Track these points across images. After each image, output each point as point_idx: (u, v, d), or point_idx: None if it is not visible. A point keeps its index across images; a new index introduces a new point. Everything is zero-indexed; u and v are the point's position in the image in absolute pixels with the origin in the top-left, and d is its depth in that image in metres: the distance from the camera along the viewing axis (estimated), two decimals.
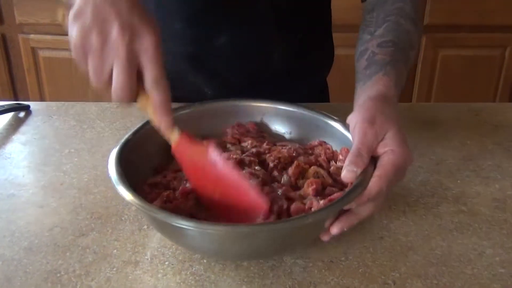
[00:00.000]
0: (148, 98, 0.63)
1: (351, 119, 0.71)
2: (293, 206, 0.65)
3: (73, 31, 0.60)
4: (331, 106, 1.09)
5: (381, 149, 0.66)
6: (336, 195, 0.66)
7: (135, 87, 0.62)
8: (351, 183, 0.65)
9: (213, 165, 0.66)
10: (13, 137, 0.95)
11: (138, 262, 0.68)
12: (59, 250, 0.70)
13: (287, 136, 0.83)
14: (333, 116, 0.77)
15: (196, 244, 0.64)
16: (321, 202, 0.64)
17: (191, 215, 0.65)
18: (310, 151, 0.77)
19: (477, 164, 0.88)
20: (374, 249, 0.70)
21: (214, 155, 0.66)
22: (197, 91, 1.04)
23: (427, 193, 0.81)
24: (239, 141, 0.79)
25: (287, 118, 0.82)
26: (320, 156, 0.75)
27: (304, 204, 0.65)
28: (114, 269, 0.67)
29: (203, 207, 0.66)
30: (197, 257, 0.68)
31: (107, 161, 0.68)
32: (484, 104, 1.09)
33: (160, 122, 0.65)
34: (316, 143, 0.78)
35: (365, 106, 0.70)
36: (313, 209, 0.64)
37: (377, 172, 0.64)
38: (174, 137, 0.67)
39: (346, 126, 0.73)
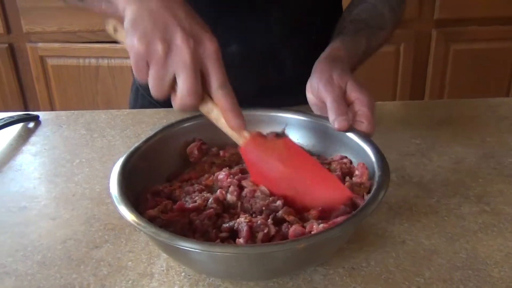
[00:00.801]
0: (213, 103, 0.64)
1: (310, 84, 0.78)
2: (292, 229, 0.61)
3: (134, 40, 0.59)
4: None
5: (349, 99, 0.74)
6: (340, 219, 0.62)
7: (202, 92, 0.62)
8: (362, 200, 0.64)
9: (290, 158, 0.67)
10: (23, 148, 0.94)
11: (153, 274, 0.66)
12: (73, 263, 0.68)
13: (308, 148, 0.79)
14: (356, 129, 0.74)
15: (201, 266, 0.63)
16: (321, 225, 0.61)
17: (182, 233, 0.62)
18: (327, 167, 0.73)
19: (499, 162, 0.85)
20: (397, 253, 0.68)
21: (291, 147, 0.68)
22: None
23: (448, 193, 0.78)
24: None
25: (309, 129, 0.79)
26: (335, 172, 0.71)
27: (304, 227, 0.62)
28: (130, 281, 0.65)
29: (196, 228, 0.64)
30: None
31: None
32: (501, 99, 1.07)
33: (233, 124, 0.64)
34: (337, 157, 0.75)
35: (317, 70, 0.78)
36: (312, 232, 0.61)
37: (363, 119, 0.72)
38: (244, 138, 0.66)
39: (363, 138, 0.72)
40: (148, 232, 0.58)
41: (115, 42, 0.67)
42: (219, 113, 0.64)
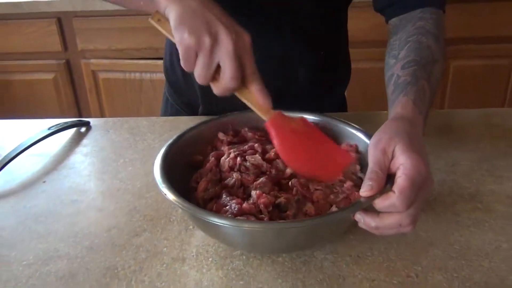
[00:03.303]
0: (245, 86, 0.67)
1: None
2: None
3: (184, 35, 0.61)
4: (347, 115, 1.06)
5: (394, 167, 0.60)
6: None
7: (241, 77, 0.64)
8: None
9: (307, 131, 0.70)
10: (76, 149, 0.96)
11: (185, 259, 0.67)
12: (116, 248, 0.69)
13: None
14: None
15: (234, 240, 0.64)
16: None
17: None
18: None
19: (491, 165, 0.84)
20: (398, 244, 0.68)
21: (308, 124, 0.72)
22: (226, 107, 1.02)
23: (444, 192, 0.78)
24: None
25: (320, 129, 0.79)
26: None
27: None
28: (164, 265, 0.66)
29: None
30: (237, 254, 0.67)
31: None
32: (495, 109, 1.05)
33: (263, 103, 0.67)
34: (344, 145, 0.75)
35: (377, 132, 0.65)
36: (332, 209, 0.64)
37: (396, 189, 0.57)
38: (270, 114, 0.68)
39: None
40: (186, 209, 0.60)
41: (157, 58, 0.68)
42: (251, 94, 0.67)
